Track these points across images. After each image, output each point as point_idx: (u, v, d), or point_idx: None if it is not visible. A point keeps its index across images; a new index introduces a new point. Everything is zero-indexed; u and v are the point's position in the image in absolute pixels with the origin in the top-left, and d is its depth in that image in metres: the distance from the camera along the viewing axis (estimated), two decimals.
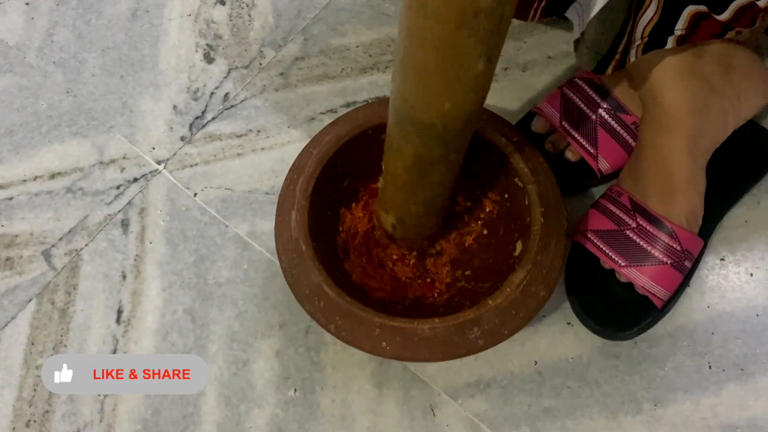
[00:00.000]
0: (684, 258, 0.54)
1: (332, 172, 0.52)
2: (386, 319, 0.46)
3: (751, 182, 0.60)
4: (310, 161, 0.51)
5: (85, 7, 0.73)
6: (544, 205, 0.49)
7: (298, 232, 0.49)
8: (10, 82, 0.69)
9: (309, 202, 0.50)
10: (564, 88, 0.61)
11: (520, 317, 0.46)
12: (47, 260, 0.62)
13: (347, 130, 0.52)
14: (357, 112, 0.54)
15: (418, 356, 0.45)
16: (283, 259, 0.49)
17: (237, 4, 0.73)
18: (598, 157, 0.59)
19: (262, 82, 0.69)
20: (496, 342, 0.46)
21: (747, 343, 0.56)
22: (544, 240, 0.48)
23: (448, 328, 0.46)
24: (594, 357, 0.56)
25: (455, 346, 0.45)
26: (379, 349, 0.45)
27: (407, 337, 0.45)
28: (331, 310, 0.46)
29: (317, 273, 0.47)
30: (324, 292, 0.47)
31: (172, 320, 0.59)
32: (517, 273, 0.47)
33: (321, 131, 0.54)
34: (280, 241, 0.50)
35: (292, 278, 0.48)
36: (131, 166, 0.65)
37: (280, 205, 0.51)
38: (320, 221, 0.51)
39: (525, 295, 0.47)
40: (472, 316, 0.46)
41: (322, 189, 0.51)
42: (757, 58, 0.57)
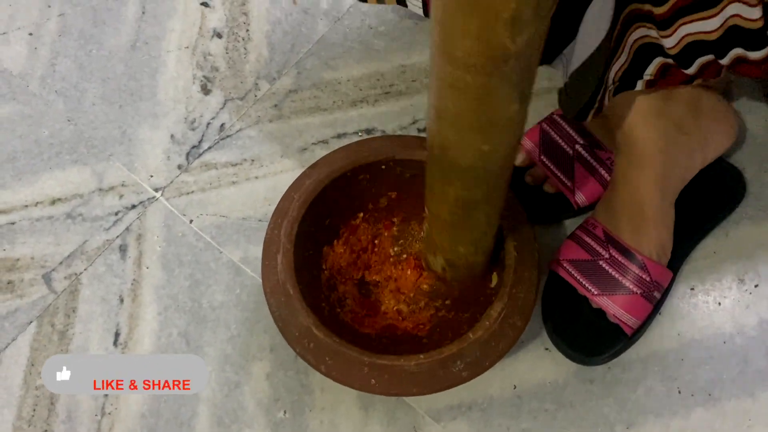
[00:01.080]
0: (653, 288, 0.57)
1: (314, 214, 0.55)
2: (374, 357, 0.48)
3: (719, 217, 0.63)
4: (293, 205, 0.54)
5: (86, 39, 0.76)
6: (516, 239, 0.52)
7: (285, 276, 0.51)
8: (13, 110, 0.72)
9: (293, 245, 0.52)
10: (543, 123, 0.65)
11: (500, 348, 0.50)
12: (47, 284, 0.64)
13: (327, 173, 0.55)
14: (335, 155, 0.57)
15: (407, 391, 0.48)
16: (271, 302, 0.52)
17: (233, 38, 0.76)
18: (574, 190, 0.63)
19: (257, 113, 0.72)
20: (479, 373, 0.49)
21: (715, 369, 0.60)
22: (518, 272, 0.51)
23: (432, 363, 0.48)
24: (570, 381, 0.59)
25: (440, 380, 0.48)
26: (368, 387, 0.48)
27: (395, 374, 0.48)
28: (321, 351, 0.49)
29: (305, 315, 0.50)
30: (313, 334, 0.49)
31: (168, 343, 0.61)
32: (495, 306, 0.50)
33: (301, 174, 0.57)
34: (267, 285, 0.52)
35: (282, 321, 0.51)
36: (129, 194, 0.68)
37: (265, 249, 0.53)
38: (305, 261, 0.54)
39: (503, 326, 0.50)
40: (454, 350, 0.49)
41: (305, 231, 0.54)
42: (723, 101, 0.61)
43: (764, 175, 0.66)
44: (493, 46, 0.32)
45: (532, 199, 0.64)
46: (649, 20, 0.44)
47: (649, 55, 0.49)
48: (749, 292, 0.62)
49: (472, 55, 0.33)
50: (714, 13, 0.42)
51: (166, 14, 0.77)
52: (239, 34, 0.76)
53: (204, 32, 0.76)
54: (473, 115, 0.37)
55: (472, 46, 0.32)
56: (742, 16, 0.41)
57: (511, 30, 0.31)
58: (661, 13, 0.42)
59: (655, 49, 0.47)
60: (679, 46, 0.45)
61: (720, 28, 0.43)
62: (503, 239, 0.53)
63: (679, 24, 0.43)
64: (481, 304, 0.52)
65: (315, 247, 0.57)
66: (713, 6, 0.41)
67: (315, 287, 0.55)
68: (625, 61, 0.50)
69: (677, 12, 0.42)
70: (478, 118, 0.37)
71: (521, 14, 0.30)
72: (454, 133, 0.39)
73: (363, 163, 0.56)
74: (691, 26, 0.43)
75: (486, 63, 0.33)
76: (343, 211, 0.59)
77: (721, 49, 0.45)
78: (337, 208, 0.58)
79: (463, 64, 0.33)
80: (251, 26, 0.76)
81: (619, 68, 0.51)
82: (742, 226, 0.65)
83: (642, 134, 0.56)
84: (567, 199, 0.63)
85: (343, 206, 0.58)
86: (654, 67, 0.50)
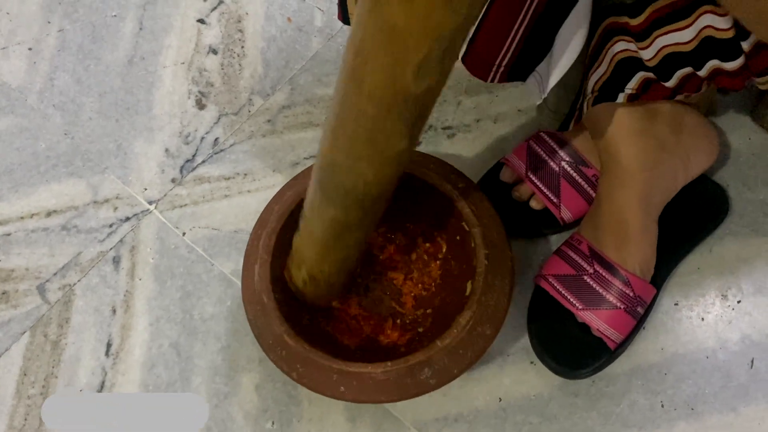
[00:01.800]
0: (636, 304, 0.58)
1: (293, 225, 0.55)
2: (342, 365, 0.49)
3: (703, 234, 0.65)
4: (272, 217, 0.55)
5: (84, 53, 0.77)
6: (488, 247, 0.53)
7: (261, 286, 0.52)
8: (11, 123, 0.73)
9: (271, 256, 0.53)
10: (530, 141, 0.66)
11: (468, 356, 0.50)
12: (41, 294, 0.65)
13: (306, 185, 0.56)
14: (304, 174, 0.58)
15: (374, 398, 0.49)
16: (248, 311, 0.53)
17: (228, 54, 0.77)
18: (560, 207, 0.64)
19: (251, 128, 0.73)
20: (447, 381, 0.50)
21: (697, 383, 0.60)
22: (488, 280, 0.52)
23: (400, 371, 0.49)
24: (554, 394, 0.60)
25: (408, 388, 0.49)
26: (337, 394, 0.49)
27: (363, 382, 0.49)
28: (292, 359, 0.50)
29: (278, 324, 0.51)
30: (285, 342, 0.50)
31: (159, 353, 0.62)
32: (464, 314, 0.51)
33: (284, 186, 0.58)
34: (246, 295, 0.53)
35: (257, 329, 0.52)
36: (124, 206, 0.69)
37: (245, 260, 0.55)
38: (281, 272, 0.55)
39: (472, 334, 0.51)
40: (422, 358, 0.49)
41: (284, 243, 0.54)
42: (705, 119, 0.62)
43: (748, 192, 0.67)
44: (398, 84, 0.35)
45: (519, 214, 0.65)
46: (626, 33, 0.45)
47: (631, 69, 0.50)
48: (732, 307, 0.63)
49: (378, 89, 0.36)
50: (688, 24, 0.43)
51: (163, 30, 0.79)
52: (234, 50, 0.77)
53: (200, 48, 0.77)
54: (366, 144, 0.40)
55: (380, 80, 0.35)
56: (714, 26, 0.43)
57: (417, 74, 0.34)
58: (637, 24, 0.44)
59: (636, 64, 0.49)
60: (657, 58, 0.46)
61: (695, 39, 0.44)
62: (475, 249, 0.54)
63: (655, 36, 0.44)
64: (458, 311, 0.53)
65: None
66: (687, 16, 0.43)
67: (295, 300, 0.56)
68: (605, 72, 0.51)
69: (653, 23, 0.43)
70: (369, 147, 0.40)
71: (428, 62, 0.34)
72: (344, 157, 0.41)
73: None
74: (667, 37, 0.44)
75: (388, 98, 0.36)
76: None
77: (697, 60, 0.46)
78: None
79: (368, 95, 0.36)
80: (246, 43, 0.78)
81: (599, 78, 0.52)
82: (725, 243, 0.66)
83: (625, 152, 0.58)
84: (553, 215, 0.64)
85: None
86: (636, 82, 0.52)
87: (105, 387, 0.61)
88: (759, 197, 0.67)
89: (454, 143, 0.71)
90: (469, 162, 0.70)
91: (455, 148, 0.71)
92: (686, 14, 0.43)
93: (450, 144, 0.71)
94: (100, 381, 0.61)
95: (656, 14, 0.43)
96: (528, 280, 0.64)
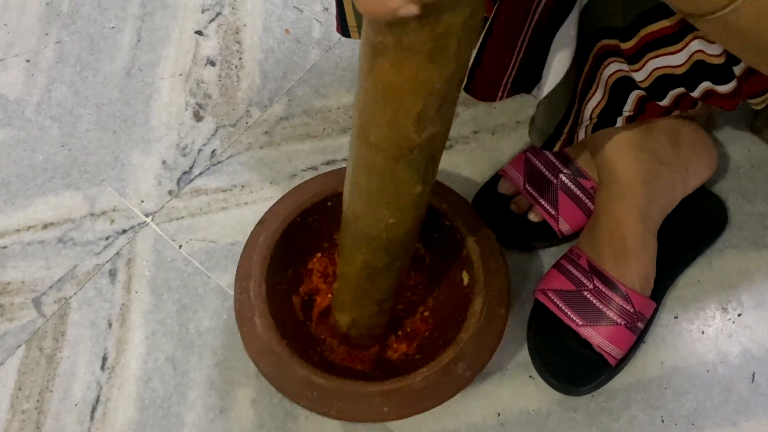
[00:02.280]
0: (637, 319, 0.57)
1: (276, 268, 0.55)
2: (380, 385, 0.49)
3: (702, 247, 0.64)
4: (254, 266, 0.54)
5: (82, 65, 0.77)
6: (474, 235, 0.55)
7: (269, 336, 0.51)
8: (8, 135, 0.73)
9: (267, 304, 0.52)
10: (528, 153, 0.66)
11: (492, 340, 0.51)
12: (37, 308, 0.65)
13: (276, 226, 0.56)
14: (278, 206, 0.58)
15: (420, 408, 0.49)
16: (262, 366, 0.51)
17: (226, 66, 0.77)
18: (558, 219, 0.63)
19: (248, 139, 0.73)
20: (480, 370, 0.51)
21: (697, 397, 0.60)
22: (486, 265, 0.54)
23: (437, 373, 0.49)
24: (553, 409, 0.60)
25: (447, 387, 0.49)
26: (382, 416, 0.48)
27: (404, 395, 0.49)
28: (327, 397, 0.49)
29: (301, 367, 0.50)
30: (314, 383, 0.49)
31: (154, 367, 0.62)
32: (475, 302, 0.52)
33: (252, 233, 0.57)
34: (253, 350, 0.52)
35: (279, 381, 0.50)
36: (120, 218, 0.69)
37: (239, 315, 0.53)
38: (281, 316, 0.54)
39: (489, 319, 0.52)
40: (453, 354, 0.50)
41: (272, 287, 0.54)
42: (702, 131, 0.62)
43: (747, 205, 0.67)
44: (401, 136, 0.37)
45: (517, 227, 0.65)
46: (618, 55, 0.45)
47: (625, 90, 0.50)
48: (732, 321, 0.63)
49: (383, 142, 0.38)
50: (679, 48, 0.43)
51: (161, 42, 0.78)
52: (232, 62, 0.77)
53: (198, 60, 0.77)
54: (381, 191, 0.41)
55: (384, 134, 0.37)
56: (705, 51, 0.43)
57: (417, 126, 0.36)
58: (628, 48, 0.44)
59: (630, 84, 0.49)
60: (650, 80, 0.46)
61: (686, 63, 0.44)
62: (463, 239, 0.55)
63: (647, 58, 0.44)
64: (460, 303, 0.54)
65: (285, 298, 0.58)
66: (677, 41, 0.43)
67: (299, 339, 0.56)
68: (602, 98, 0.51)
69: (644, 47, 0.43)
70: (385, 194, 0.41)
71: (426, 114, 0.35)
72: (364, 205, 0.43)
73: (308, 206, 0.57)
74: (659, 60, 0.44)
75: (394, 149, 0.38)
76: (301, 256, 0.60)
77: (690, 82, 0.46)
78: (295, 255, 0.59)
79: (375, 148, 0.38)
80: (244, 54, 0.78)
81: (596, 105, 0.51)
82: (725, 256, 0.65)
83: (623, 166, 0.57)
84: (551, 228, 0.64)
85: (302, 251, 0.59)
86: (631, 103, 0.51)
87: (100, 401, 0.61)
88: (758, 210, 0.67)
89: (452, 155, 0.71)
90: (467, 174, 0.70)
91: (453, 160, 0.70)
92: (677, 39, 0.43)
93: (448, 156, 0.71)
94: (96, 395, 0.61)
95: (648, 38, 0.43)
96: (526, 293, 0.64)
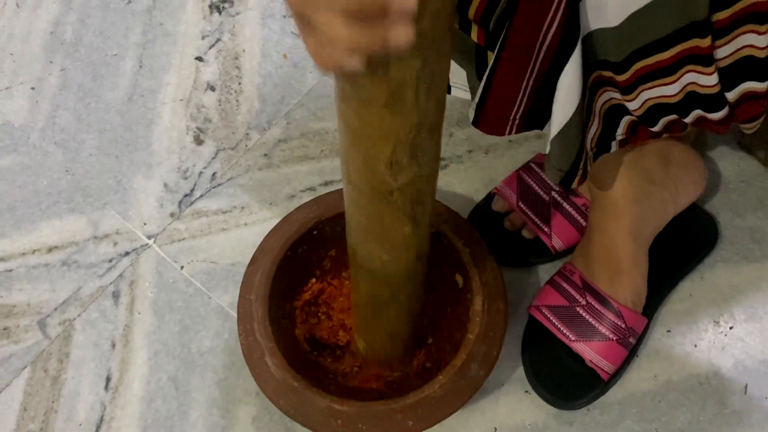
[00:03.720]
0: (628, 335, 0.58)
1: (275, 305, 0.56)
2: (401, 401, 0.50)
3: (693, 264, 0.65)
4: (254, 307, 0.55)
5: (85, 92, 0.79)
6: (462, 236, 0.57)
7: (283, 373, 0.52)
8: (14, 161, 0.75)
9: (276, 342, 0.53)
10: (521, 171, 0.67)
11: (497, 336, 0.53)
12: (42, 330, 0.66)
13: (269, 263, 0.57)
14: (267, 241, 0.59)
15: (441, 416, 0.50)
16: (281, 404, 0.52)
17: (226, 90, 0.79)
18: (551, 236, 0.65)
19: (247, 162, 0.74)
20: (492, 365, 0.52)
21: (691, 410, 0.61)
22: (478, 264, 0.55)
23: (453, 378, 0.51)
24: (549, 423, 0.61)
25: (464, 391, 0.51)
26: (408, 430, 0.49)
27: (427, 406, 0.50)
28: (351, 423, 0.50)
29: (321, 398, 0.50)
30: (336, 411, 0.50)
31: (157, 387, 0.63)
32: (476, 300, 0.53)
33: (246, 273, 0.58)
34: (268, 390, 0.52)
35: (300, 416, 0.51)
36: (123, 241, 0.70)
37: (249, 358, 0.53)
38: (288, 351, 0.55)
39: (491, 315, 0.53)
40: (465, 356, 0.51)
41: (275, 324, 0.55)
42: (692, 150, 0.63)
43: (737, 219, 0.68)
44: (376, 179, 0.37)
45: (510, 244, 0.66)
46: (611, 85, 0.46)
47: (617, 115, 0.50)
48: (724, 334, 0.64)
49: (362, 183, 0.38)
50: (673, 80, 0.44)
51: (162, 68, 0.80)
52: (232, 86, 0.79)
53: (198, 85, 0.79)
54: (370, 230, 0.42)
55: (361, 176, 0.38)
56: (698, 83, 0.43)
57: (390, 170, 0.36)
58: (623, 80, 0.44)
59: (621, 110, 0.49)
60: (643, 109, 0.47)
61: (680, 93, 0.45)
62: (452, 243, 0.56)
63: (641, 89, 0.45)
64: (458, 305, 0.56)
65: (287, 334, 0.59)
66: (672, 74, 0.43)
67: (311, 370, 0.56)
68: (598, 127, 0.51)
69: (638, 80, 0.44)
70: (374, 233, 0.42)
71: (398, 159, 0.36)
72: (358, 241, 0.44)
73: (296, 239, 0.58)
74: (653, 91, 0.45)
75: (373, 191, 0.38)
76: (298, 288, 0.61)
77: (683, 110, 0.47)
78: (291, 289, 0.60)
79: (357, 188, 0.39)
80: (243, 79, 0.80)
81: (594, 134, 0.52)
82: (716, 270, 0.66)
83: (615, 186, 0.58)
84: (544, 244, 0.65)
85: (296, 283, 0.61)
86: (623, 127, 0.52)
87: (104, 421, 0.62)
88: (748, 224, 0.68)
89: (446, 174, 0.72)
90: (461, 192, 0.71)
91: (447, 179, 0.72)
92: (672, 72, 0.43)
93: (442, 175, 0.72)
94: (99, 415, 0.62)
95: (642, 71, 0.43)
96: (521, 309, 0.65)
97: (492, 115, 0.49)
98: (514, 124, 0.50)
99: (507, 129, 0.50)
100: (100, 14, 0.83)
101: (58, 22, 0.83)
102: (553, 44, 0.42)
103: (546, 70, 0.44)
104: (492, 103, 0.48)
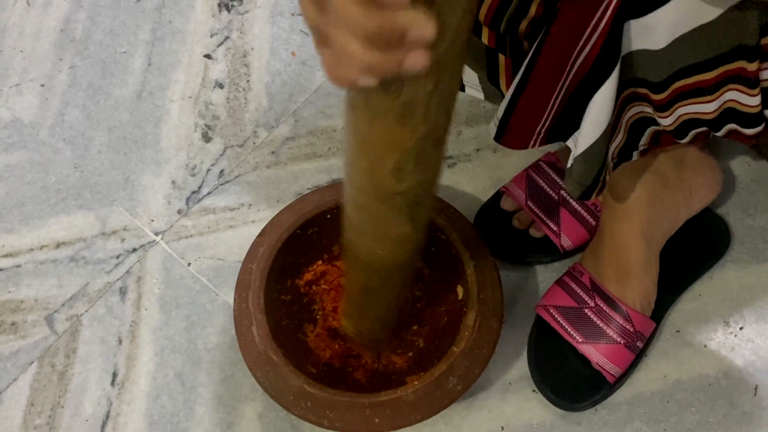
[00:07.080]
0: (636, 339, 0.58)
1: (274, 279, 0.56)
2: (372, 397, 0.50)
3: (703, 269, 0.64)
4: (253, 276, 0.55)
5: (95, 89, 0.80)
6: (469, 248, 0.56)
7: (265, 345, 0.52)
8: (23, 157, 0.75)
9: (265, 314, 0.53)
10: (530, 170, 0.67)
11: (483, 354, 0.52)
12: (49, 325, 0.66)
13: (276, 237, 0.57)
14: (280, 217, 0.59)
15: (410, 420, 0.50)
16: (258, 374, 0.52)
17: (234, 88, 0.79)
18: (560, 235, 0.64)
19: (255, 159, 0.74)
20: (471, 382, 0.51)
21: (701, 411, 0.60)
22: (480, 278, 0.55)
23: (428, 386, 0.50)
24: (557, 423, 0.60)
25: (438, 400, 0.50)
26: (373, 427, 0.49)
27: (395, 407, 0.50)
28: (319, 407, 0.50)
29: (295, 377, 0.51)
30: (307, 393, 0.50)
31: (163, 383, 0.63)
32: (469, 315, 0.53)
33: (253, 243, 0.58)
34: (249, 358, 0.53)
35: (273, 390, 0.51)
36: (131, 237, 0.70)
37: (237, 324, 0.54)
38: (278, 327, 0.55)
39: (482, 332, 0.53)
40: (444, 367, 0.51)
41: (271, 298, 0.55)
42: (708, 155, 0.62)
43: (748, 219, 0.68)
44: (380, 183, 0.38)
45: (519, 242, 0.66)
46: (645, 101, 0.45)
47: (643, 127, 0.49)
48: (734, 334, 0.63)
49: (364, 185, 0.39)
50: (713, 99, 0.42)
51: (171, 66, 0.81)
52: (240, 84, 0.79)
53: (206, 83, 0.79)
54: (368, 228, 0.43)
55: (364, 179, 0.39)
56: (738, 101, 0.42)
57: (394, 176, 0.37)
58: (659, 99, 0.43)
59: (649, 122, 0.48)
60: (676, 124, 0.45)
61: (717, 110, 0.43)
62: (458, 254, 0.56)
63: (677, 107, 0.44)
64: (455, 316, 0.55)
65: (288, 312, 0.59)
66: (712, 93, 0.42)
67: (298, 349, 0.57)
68: (622, 138, 0.50)
69: (676, 97, 0.43)
70: (373, 230, 0.43)
71: (403, 167, 0.36)
72: (356, 236, 0.45)
73: (309, 218, 0.58)
74: (689, 108, 0.44)
75: (374, 193, 0.39)
76: (301, 268, 0.61)
77: (717, 124, 0.45)
78: (294, 267, 0.60)
79: (359, 190, 0.40)
80: (251, 77, 0.80)
81: (617, 146, 0.51)
82: (726, 270, 0.66)
83: (627, 188, 0.58)
84: (553, 243, 0.65)
85: (300, 263, 0.60)
86: (647, 137, 0.50)
87: (110, 417, 0.62)
88: (759, 224, 0.68)
89: (454, 173, 0.72)
90: (469, 191, 0.71)
91: (455, 178, 0.72)
92: (712, 91, 0.42)
93: (451, 173, 0.72)
94: (106, 411, 0.62)
95: (680, 89, 0.42)
96: (528, 307, 0.65)
97: (517, 130, 0.48)
98: (539, 138, 0.49)
99: (531, 143, 0.50)
100: (110, 12, 0.84)
101: (68, 20, 0.83)
102: (589, 60, 0.41)
103: (578, 84, 0.43)
104: (518, 118, 0.47)
